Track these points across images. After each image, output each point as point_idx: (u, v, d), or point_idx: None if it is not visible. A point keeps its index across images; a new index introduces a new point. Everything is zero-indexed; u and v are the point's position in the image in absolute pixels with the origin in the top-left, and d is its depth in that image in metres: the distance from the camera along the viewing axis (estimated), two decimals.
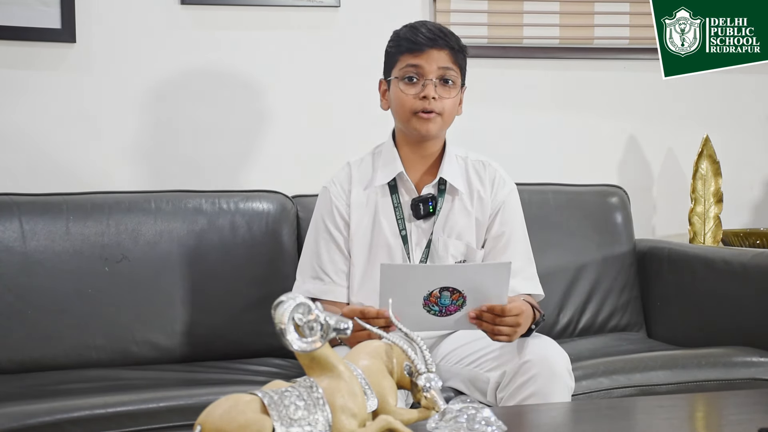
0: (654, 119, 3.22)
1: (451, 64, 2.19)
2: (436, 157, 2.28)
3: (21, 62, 2.77)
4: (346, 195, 2.27)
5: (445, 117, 2.20)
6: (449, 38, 2.20)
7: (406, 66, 2.19)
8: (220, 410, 1.28)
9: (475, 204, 2.26)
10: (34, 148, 2.78)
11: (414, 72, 2.19)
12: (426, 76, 2.17)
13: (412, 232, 2.23)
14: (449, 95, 2.20)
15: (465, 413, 1.39)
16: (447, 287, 1.88)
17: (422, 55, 2.18)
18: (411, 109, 2.18)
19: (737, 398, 1.91)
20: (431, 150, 2.26)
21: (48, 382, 2.24)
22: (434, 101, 2.17)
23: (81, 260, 2.47)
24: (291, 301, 1.31)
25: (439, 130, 2.22)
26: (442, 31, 2.20)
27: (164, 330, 2.50)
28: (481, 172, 2.30)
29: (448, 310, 1.91)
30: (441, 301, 1.89)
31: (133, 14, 2.84)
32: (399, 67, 2.21)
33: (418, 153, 2.26)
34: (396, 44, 2.23)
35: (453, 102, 2.21)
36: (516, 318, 1.93)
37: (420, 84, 2.18)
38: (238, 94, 2.92)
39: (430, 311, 1.90)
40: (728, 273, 2.58)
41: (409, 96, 2.19)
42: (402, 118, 2.22)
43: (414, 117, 2.18)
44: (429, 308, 1.90)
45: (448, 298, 1.89)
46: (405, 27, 2.24)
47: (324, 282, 2.24)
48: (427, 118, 2.18)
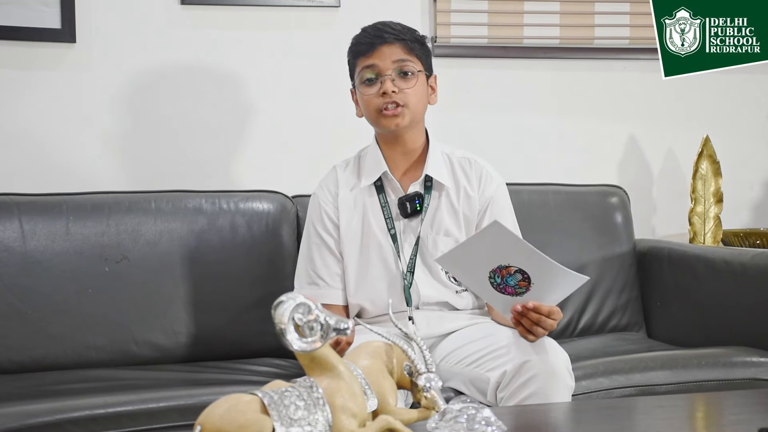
0: (654, 119, 3.22)
1: (405, 56, 2.21)
2: (419, 153, 2.29)
3: (21, 62, 2.77)
4: (334, 198, 2.29)
5: (413, 107, 2.21)
6: (399, 32, 2.22)
7: (363, 69, 2.22)
8: (220, 410, 1.28)
9: (461, 201, 2.27)
10: (34, 148, 2.78)
11: (371, 72, 2.21)
12: (382, 74, 2.20)
13: (401, 231, 2.24)
14: (409, 86, 2.21)
15: (465, 413, 1.39)
16: (524, 271, 1.89)
17: (374, 53, 2.20)
18: (376, 109, 2.21)
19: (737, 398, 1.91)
20: (412, 146, 2.27)
21: (48, 382, 2.24)
22: (395, 94, 2.19)
23: (81, 260, 2.47)
24: (291, 301, 1.31)
25: (410, 121, 2.23)
26: (391, 27, 2.23)
27: (164, 330, 2.50)
28: (467, 168, 2.30)
29: (506, 290, 1.93)
30: (508, 279, 1.91)
31: (133, 14, 2.84)
32: (357, 72, 2.24)
33: (400, 150, 2.27)
34: (351, 51, 2.28)
35: (416, 91, 2.22)
36: (553, 323, 1.96)
37: (378, 82, 2.20)
38: (238, 94, 2.92)
39: (492, 279, 1.92)
40: (728, 273, 2.57)
41: (370, 96, 2.21)
42: (372, 120, 2.25)
43: (380, 116, 2.21)
44: (493, 276, 1.91)
45: (516, 280, 1.91)
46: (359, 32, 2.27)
47: (319, 287, 2.26)
48: (393, 113, 2.19)
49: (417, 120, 2.25)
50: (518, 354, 1.97)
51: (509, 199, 2.33)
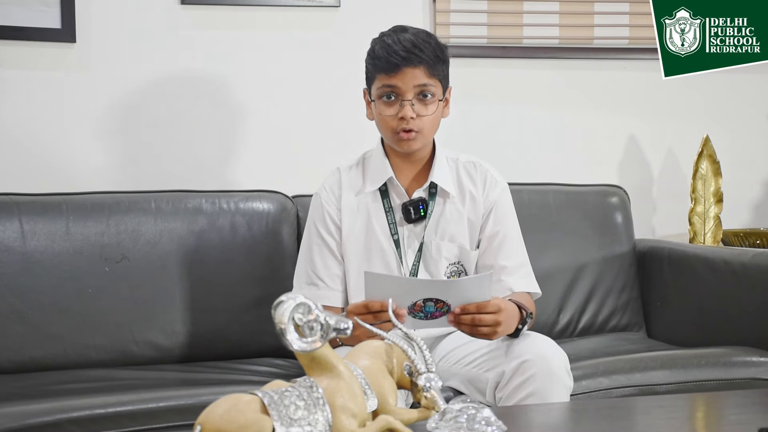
0: (654, 119, 3.22)
1: (427, 79, 2.16)
2: (425, 161, 2.28)
3: (21, 62, 2.77)
4: (337, 200, 2.28)
5: (426, 133, 2.20)
6: (424, 52, 2.16)
7: (383, 86, 2.17)
8: (220, 410, 1.28)
9: (467, 205, 2.27)
10: (34, 148, 2.78)
11: (390, 91, 2.17)
12: (403, 96, 2.16)
13: (404, 236, 2.24)
14: (428, 112, 2.18)
15: (465, 413, 1.39)
16: (431, 298, 1.88)
17: (397, 75, 2.15)
18: (391, 129, 2.18)
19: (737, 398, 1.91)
20: (419, 156, 2.27)
21: (48, 382, 2.24)
22: (413, 121, 2.16)
23: (81, 260, 2.46)
24: (291, 301, 1.31)
25: (422, 144, 2.22)
26: (417, 46, 2.15)
27: (164, 330, 2.50)
28: (473, 172, 2.30)
29: (434, 316, 1.91)
30: (426, 309, 1.90)
31: (133, 14, 2.84)
32: (376, 86, 2.20)
33: (407, 160, 2.27)
34: (372, 62, 2.21)
35: (433, 117, 2.20)
36: (495, 316, 1.90)
37: (397, 103, 2.17)
38: (237, 94, 2.92)
39: (415, 317, 1.90)
40: (728, 273, 2.57)
41: (388, 116, 2.18)
42: (384, 136, 2.24)
43: (395, 136, 2.18)
44: (414, 314, 1.90)
45: (433, 306, 1.89)
46: (380, 41, 2.20)
47: (318, 287, 2.25)
48: (407, 138, 2.17)
49: (429, 139, 2.25)
50: (517, 354, 1.97)
51: (512, 204, 2.33)
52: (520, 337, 2.02)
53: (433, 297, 1.88)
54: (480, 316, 1.89)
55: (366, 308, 1.89)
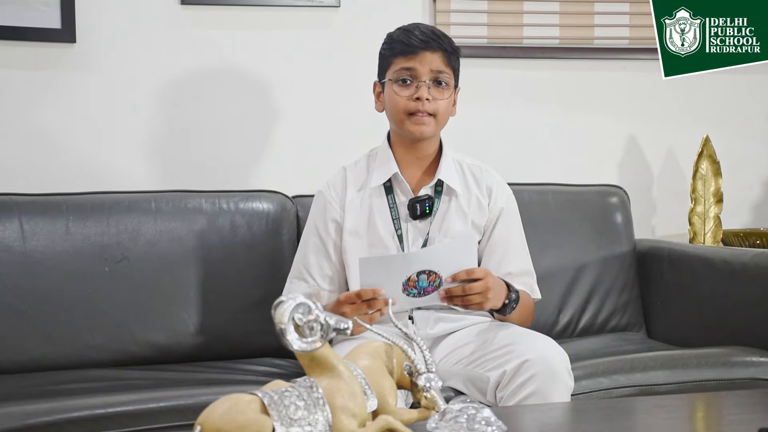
0: (654, 119, 3.22)
1: (444, 67, 2.20)
2: (432, 159, 2.29)
3: (21, 62, 2.77)
4: (341, 198, 2.28)
5: (439, 118, 2.22)
6: (442, 40, 2.21)
7: (400, 68, 2.21)
8: (220, 410, 1.28)
9: (472, 206, 2.27)
10: (34, 148, 2.78)
11: (407, 74, 2.20)
12: (419, 78, 2.19)
13: (408, 232, 2.24)
14: (442, 96, 2.21)
15: (465, 413, 1.39)
16: (423, 270, 1.99)
17: (416, 57, 2.19)
18: (405, 110, 2.20)
19: (737, 398, 1.91)
20: (427, 152, 2.27)
21: (48, 382, 2.24)
22: (428, 102, 2.18)
23: (81, 260, 2.46)
24: (291, 301, 1.31)
25: (434, 131, 2.23)
26: (435, 34, 2.22)
27: (164, 330, 2.50)
28: (479, 176, 2.31)
29: (426, 291, 2.02)
30: (419, 284, 2.01)
31: (134, 14, 2.84)
32: (393, 70, 2.22)
33: (414, 154, 2.27)
34: (389, 47, 2.25)
35: (446, 103, 2.23)
36: (483, 282, 2.01)
37: (413, 86, 2.20)
38: (237, 95, 2.93)
39: (410, 294, 2.01)
40: (728, 273, 2.57)
41: (402, 97, 2.20)
42: (396, 120, 2.24)
43: (408, 118, 2.20)
44: (408, 292, 2.01)
45: (425, 280, 2.01)
46: (398, 29, 2.25)
47: (309, 284, 2.27)
48: (420, 120, 2.19)
49: (439, 130, 2.26)
50: (518, 354, 1.98)
51: (518, 211, 2.35)
52: (521, 337, 2.03)
53: (425, 269, 1.98)
54: (470, 284, 2.00)
55: (358, 297, 1.99)
